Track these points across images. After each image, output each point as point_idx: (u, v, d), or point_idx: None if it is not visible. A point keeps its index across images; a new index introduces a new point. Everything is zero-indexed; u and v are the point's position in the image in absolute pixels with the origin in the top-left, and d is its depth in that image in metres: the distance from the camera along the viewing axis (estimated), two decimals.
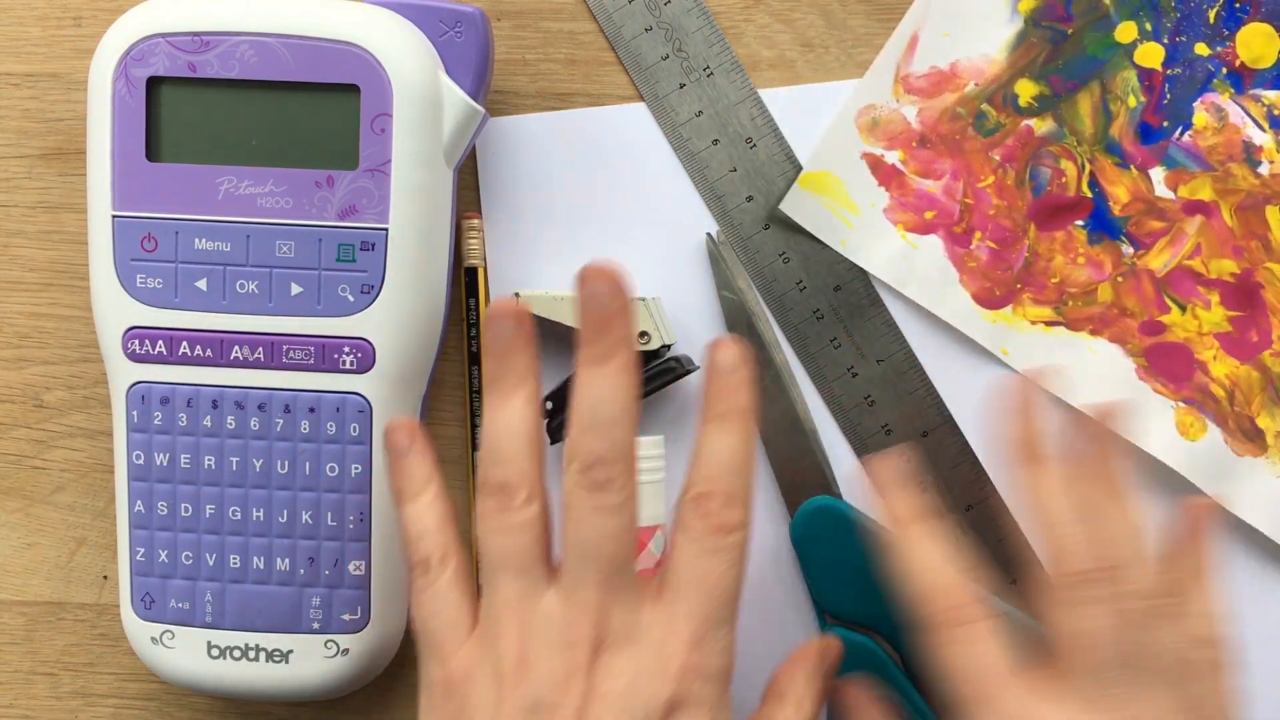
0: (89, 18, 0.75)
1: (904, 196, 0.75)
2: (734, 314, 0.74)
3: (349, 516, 0.69)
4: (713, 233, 0.75)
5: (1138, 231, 0.74)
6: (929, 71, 0.75)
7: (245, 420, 0.68)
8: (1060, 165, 0.74)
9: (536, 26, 0.75)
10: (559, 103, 0.75)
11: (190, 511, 0.69)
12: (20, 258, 0.76)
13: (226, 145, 0.68)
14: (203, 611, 0.69)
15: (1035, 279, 0.74)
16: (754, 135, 0.75)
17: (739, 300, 0.74)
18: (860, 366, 0.75)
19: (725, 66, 0.75)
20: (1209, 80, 0.74)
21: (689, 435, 0.75)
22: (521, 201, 0.75)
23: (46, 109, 0.75)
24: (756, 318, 0.74)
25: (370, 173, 0.67)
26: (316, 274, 0.68)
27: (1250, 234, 0.73)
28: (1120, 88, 0.74)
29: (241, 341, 0.68)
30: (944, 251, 0.75)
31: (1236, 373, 0.73)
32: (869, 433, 0.75)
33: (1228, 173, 0.73)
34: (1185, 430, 0.73)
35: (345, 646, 0.70)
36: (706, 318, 0.75)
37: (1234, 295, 0.74)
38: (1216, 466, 0.73)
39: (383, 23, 0.67)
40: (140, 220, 0.67)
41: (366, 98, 0.67)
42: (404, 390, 0.70)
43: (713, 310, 0.75)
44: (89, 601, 0.76)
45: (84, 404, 0.76)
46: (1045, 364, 0.74)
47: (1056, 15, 0.74)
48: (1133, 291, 0.74)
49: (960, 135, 0.75)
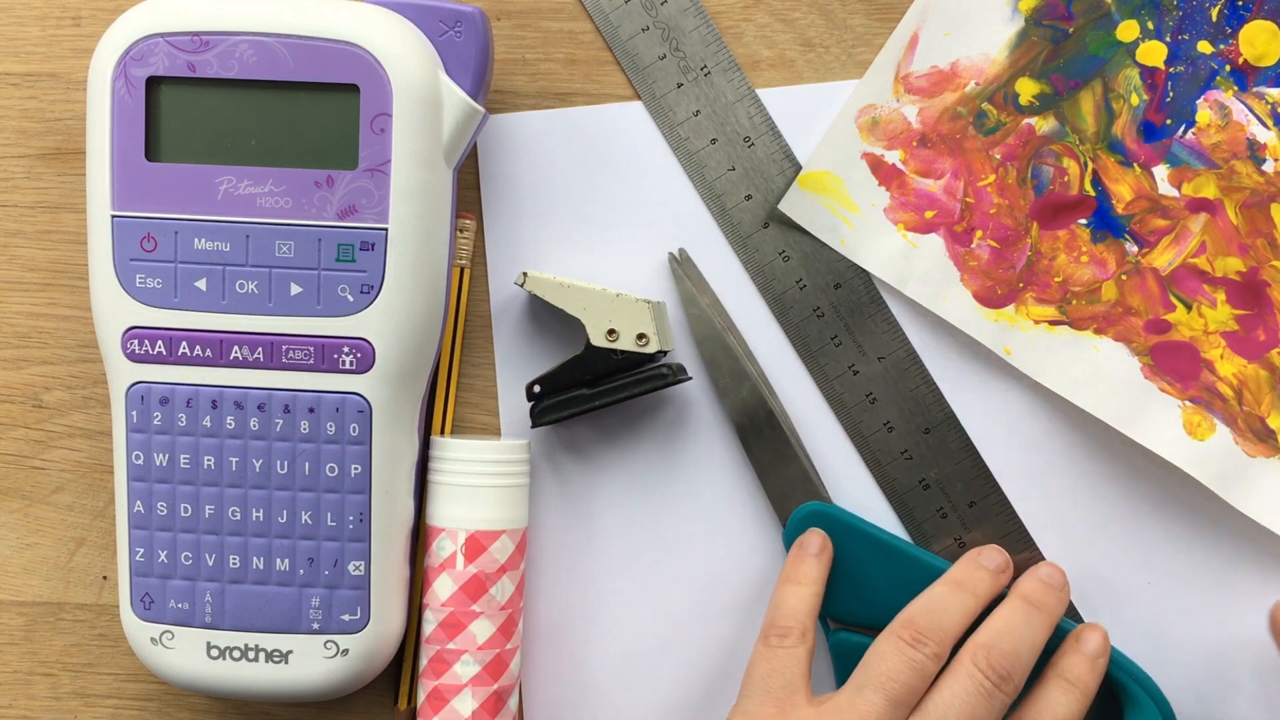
0: (88, 17, 0.75)
1: (904, 196, 0.75)
2: (701, 329, 0.74)
3: (349, 517, 0.69)
4: (674, 251, 0.75)
5: (1141, 230, 0.74)
6: (929, 71, 0.75)
7: (245, 420, 0.68)
8: (1062, 164, 0.74)
9: (536, 26, 0.75)
10: (558, 102, 0.75)
11: (190, 512, 0.69)
12: (20, 258, 0.76)
13: (226, 145, 0.68)
14: (202, 612, 0.69)
15: (1038, 278, 0.74)
16: (752, 134, 0.75)
17: (705, 316, 0.74)
18: (861, 364, 0.75)
19: (723, 66, 0.75)
20: (1212, 78, 0.74)
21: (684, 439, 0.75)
22: (521, 199, 0.75)
23: (46, 109, 0.76)
24: (725, 331, 0.74)
25: (370, 173, 0.67)
26: (316, 274, 0.67)
27: (1256, 231, 0.73)
28: (1122, 86, 0.74)
29: (241, 341, 0.68)
30: (945, 251, 0.74)
31: (1244, 371, 0.73)
32: (871, 430, 0.75)
33: (1232, 170, 0.73)
34: (1193, 430, 0.73)
35: (345, 647, 0.69)
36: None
37: (1240, 293, 0.73)
38: (1226, 467, 0.73)
39: (383, 23, 0.67)
40: (140, 220, 0.67)
41: (366, 97, 0.67)
42: (404, 390, 0.70)
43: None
44: (88, 602, 0.76)
45: (84, 404, 0.76)
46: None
47: (1058, 14, 0.74)
48: (1137, 290, 0.74)
49: (961, 134, 0.74)
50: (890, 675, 0.66)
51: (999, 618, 0.69)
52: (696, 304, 0.74)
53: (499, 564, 0.71)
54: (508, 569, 0.71)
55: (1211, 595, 0.74)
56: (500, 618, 0.71)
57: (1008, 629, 0.68)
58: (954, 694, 0.66)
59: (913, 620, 0.68)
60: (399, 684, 0.75)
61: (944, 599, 0.69)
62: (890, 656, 0.67)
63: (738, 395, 0.74)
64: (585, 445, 0.75)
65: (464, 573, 0.70)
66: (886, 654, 0.67)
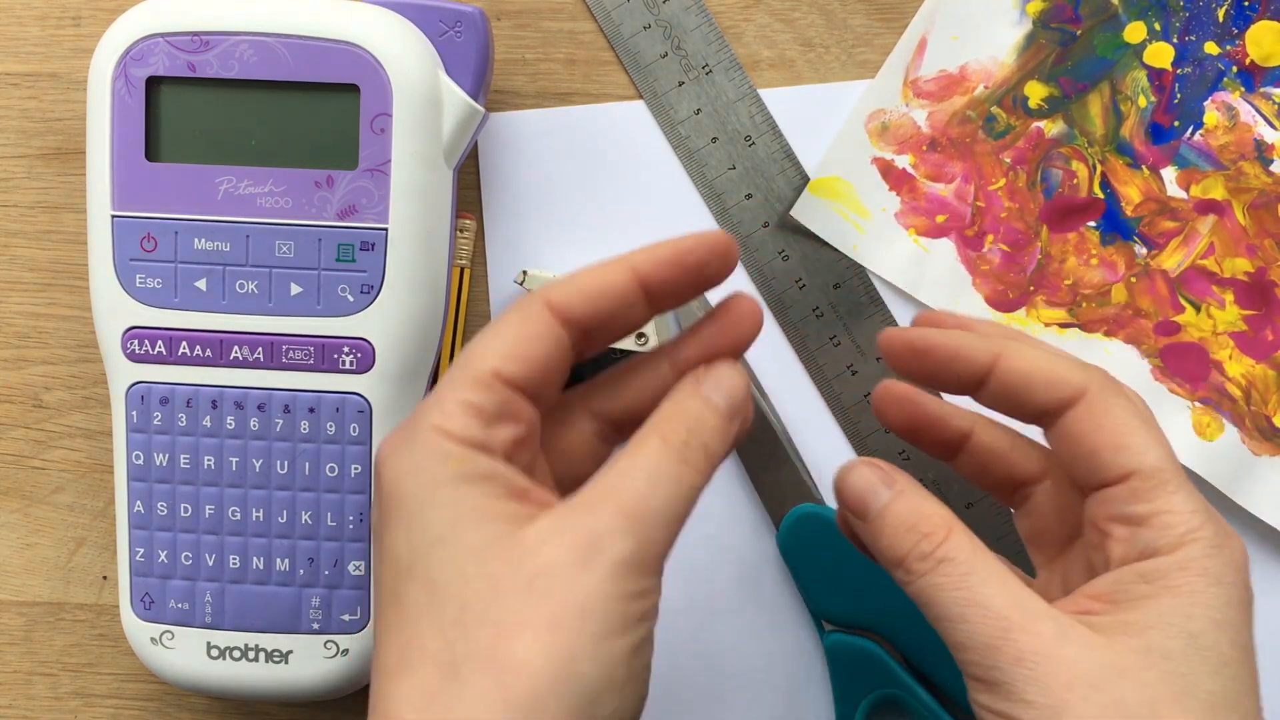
0: (88, 17, 0.76)
1: (915, 200, 0.74)
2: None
3: (349, 517, 0.69)
4: None
5: (1150, 232, 0.73)
6: (938, 75, 0.74)
7: (245, 420, 0.68)
8: (1071, 166, 0.74)
9: (536, 26, 0.75)
10: (558, 102, 0.75)
11: (190, 512, 0.69)
12: (20, 258, 0.76)
13: (226, 145, 0.68)
14: (202, 612, 0.69)
15: (1048, 281, 0.74)
16: (753, 133, 0.75)
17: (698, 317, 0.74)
18: (860, 364, 0.74)
19: (724, 64, 0.75)
20: (1219, 79, 0.73)
21: None
22: (521, 198, 0.75)
23: (45, 109, 0.76)
24: None
25: (370, 173, 0.67)
26: (316, 274, 0.68)
27: (1264, 232, 0.73)
28: (1130, 88, 0.74)
29: (241, 341, 0.68)
30: (956, 255, 0.74)
31: (1252, 372, 0.73)
32: (869, 430, 0.74)
33: (1240, 171, 0.73)
34: (1202, 430, 0.73)
35: (345, 647, 0.69)
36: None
37: (1248, 294, 0.73)
38: (1234, 466, 0.73)
39: (383, 23, 0.67)
40: (140, 220, 0.68)
41: (366, 97, 0.67)
42: (404, 390, 0.69)
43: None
44: (88, 602, 0.76)
45: (83, 404, 0.76)
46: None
47: (1065, 16, 0.74)
48: (1147, 292, 0.73)
49: (970, 138, 0.74)
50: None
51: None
52: (687, 307, 0.74)
53: None
54: None
55: None
56: None
57: None
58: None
59: None
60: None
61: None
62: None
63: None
64: None
65: None
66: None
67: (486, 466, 0.53)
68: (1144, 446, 0.55)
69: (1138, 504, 0.54)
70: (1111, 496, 0.55)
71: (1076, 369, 0.57)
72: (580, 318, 0.56)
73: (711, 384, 0.57)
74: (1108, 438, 0.55)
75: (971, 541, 0.55)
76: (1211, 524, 0.54)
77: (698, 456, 0.55)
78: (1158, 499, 0.54)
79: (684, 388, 0.57)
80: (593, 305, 0.56)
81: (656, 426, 0.55)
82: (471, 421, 0.54)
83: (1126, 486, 0.55)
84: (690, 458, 0.54)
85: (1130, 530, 0.54)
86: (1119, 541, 0.55)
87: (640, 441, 0.55)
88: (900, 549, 0.55)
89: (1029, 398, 0.57)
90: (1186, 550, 0.53)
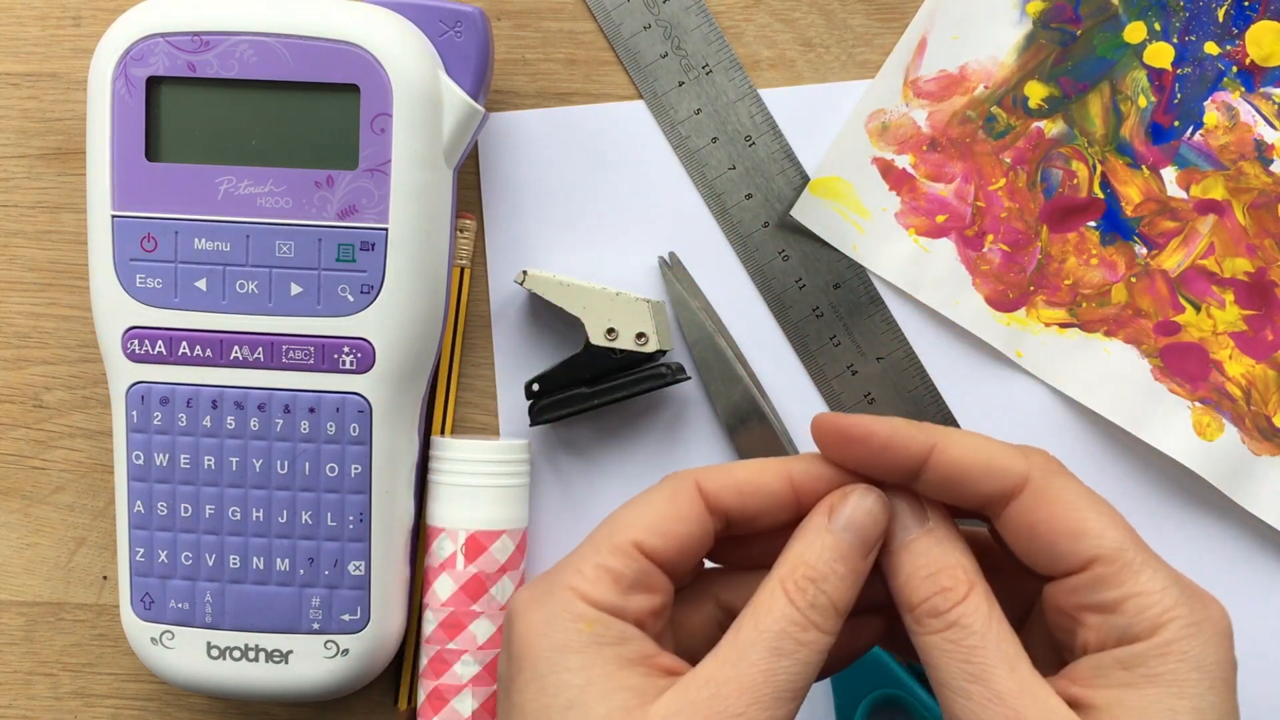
0: (88, 17, 0.75)
1: (915, 200, 0.74)
2: (693, 332, 0.74)
3: (349, 517, 0.69)
4: (664, 255, 0.75)
5: (1150, 232, 0.73)
6: (938, 75, 0.74)
7: (245, 420, 0.68)
8: (1071, 166, 0.74)
9: (536, 26, 0.75)
10: (558, 102, 0.75)
11: (190, 512, 0.69)
12: (20, 258, 0.76)
13: (226, 145, 0.68)
14: (202, 612, 0.69)
15: (1048, 281, 0.74)
16: (753, 133, 0.75)
17: (697, 319, 0.74)
18: (860, 364, 0.74)
19: (724, 64, 0.75)
20: (1219, 79, 0.73)
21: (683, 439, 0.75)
22: (521, 199, 0.75)
23: (46, 109, 0.76)
24: (717, 334, 0.74)
25: (370, 173, 0.67)
26: (316, 274, 0.68)
27: (1263, 232, 0.73)
28: (1130, 88, 0.73)
29: (241, 341, 0.68)
30: (956, 255, 0.74)
31: (1252, 371, 0.73)
32: None
33: (1240, 171, 0.73)
34: (1202, 430, 0.73)
35: (345, 647, 0.69)
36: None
37: (1248, 294, 0.73)
38: (1234, 466, 0.73)
39: (383, 23, 0.67)
40: (140, 220, 0.68)
41: (366, 97, 0.67)
42: (404, 390, 0.70)
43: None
44: (88, 602, 0.76)
45: (84, 404, 0.76)
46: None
47: (1065, 16, 0.74)
48: (1147, 292, 0.73)
49: (970, 138, 0.74)
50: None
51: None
52: (688, 307, 0.74)
53: (499, 564, 0.70)
54: (508, 569, 0.71)
55: (1218, 593, 0.73)
56: (501, 618, 0.71)
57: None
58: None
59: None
60: (399, 684, 0.75)
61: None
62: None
63: (730, 398, 0.74)
64: (585, 444, 0.75)
65: (464, 573, 0.70)
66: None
67: (619, 631, 0.54)
68: (1100, 530, 0.54)
69: (1106, 591, 0.54)
70: (1076, 585, 0.54)
71: (1015, 456, 0.56)
72: (729, 509, 0.57)
73: (840, 518, 0.56)
74: (1062, 525, 0.54)
75: (989, 606, 0.54)
76: (1186, 599, 0.53)
77: (827, 618, 0.55)
78: (1126, 582, 0.53)
79: (812, 521, 0.57)
80: (743, 501, 0.57)
81: (782, 581, 0.55)
82: (609, 587, 0.54)
83: (1091, 574, 0.54)
84: (818, 620, 0.54)
85: (1102, 617, 0.54)
86: (1092, 629, 0.54)
87: (767, 599, 0.55)
88: (915, 596, 0.55)
89: (968, 489, 0.56)
90: (1164, 633, 0.53)
